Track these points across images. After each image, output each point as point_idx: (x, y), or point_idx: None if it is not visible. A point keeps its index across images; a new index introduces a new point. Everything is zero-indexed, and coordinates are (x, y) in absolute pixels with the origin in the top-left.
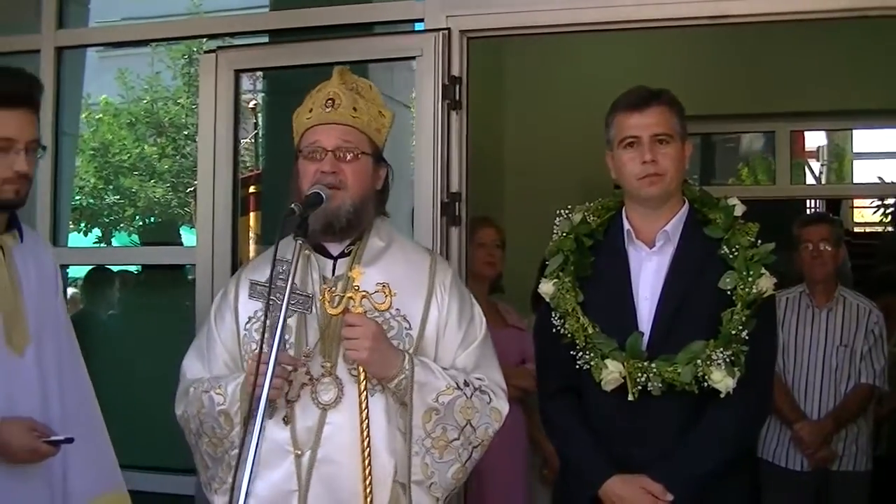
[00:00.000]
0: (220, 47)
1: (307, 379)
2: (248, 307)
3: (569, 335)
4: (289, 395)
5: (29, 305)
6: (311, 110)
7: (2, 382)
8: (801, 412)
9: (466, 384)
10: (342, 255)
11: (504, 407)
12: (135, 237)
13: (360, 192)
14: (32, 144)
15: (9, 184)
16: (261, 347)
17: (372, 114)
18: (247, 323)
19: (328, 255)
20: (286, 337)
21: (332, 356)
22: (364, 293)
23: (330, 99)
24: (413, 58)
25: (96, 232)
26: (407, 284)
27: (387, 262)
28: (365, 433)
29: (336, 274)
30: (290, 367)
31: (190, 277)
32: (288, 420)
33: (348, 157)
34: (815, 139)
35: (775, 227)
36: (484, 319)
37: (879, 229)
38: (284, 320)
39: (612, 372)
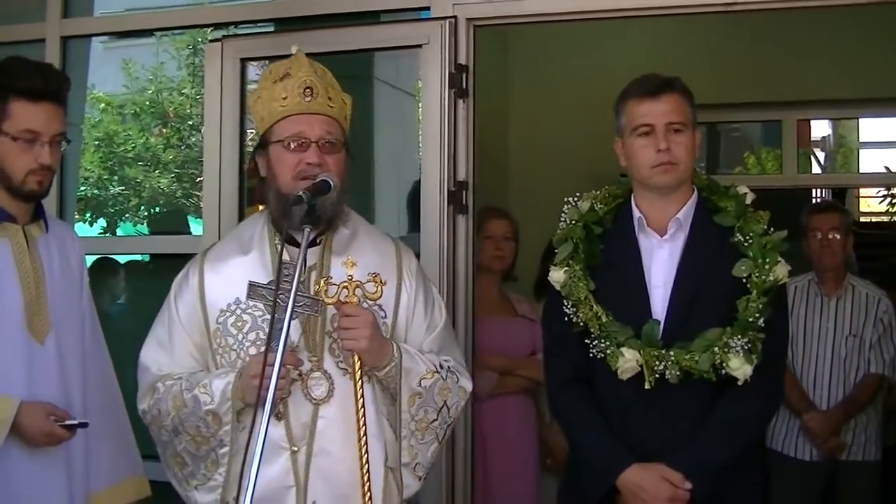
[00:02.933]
0: (225, 36)
1: (296, 374)
2: (220, 299)
3: (582, 323)
4: (283, 394)
5: (51, 294)
6: (285, 98)
7: (22, 368)
8: (810, 402)
9: (441, 366)
10: (312, 244)
11: (469, 385)
12: (140, 227)
13: (342, 183)
14: (57, 138)
15: (33, 175)
16: (266, 351)
17: (340, 102)
18: (219, 316)
19: (297, 245)
20: (263, 336)
21: (318, 350)
22: (357, 283)
23: (308, 87)
24: (419, 46)
25: (101, 222)
26: (378, 272)
27: (356, 250)
28: (361, 423)
29: (308, 264)
30: (292, 367)
31: None
32: (281, 416)
33: (330, 148)
34: (821, 128)
35: (782, 215)
36: (443, 302)
37: (886, 219)
38: (290, 323)
39: (628, 360)
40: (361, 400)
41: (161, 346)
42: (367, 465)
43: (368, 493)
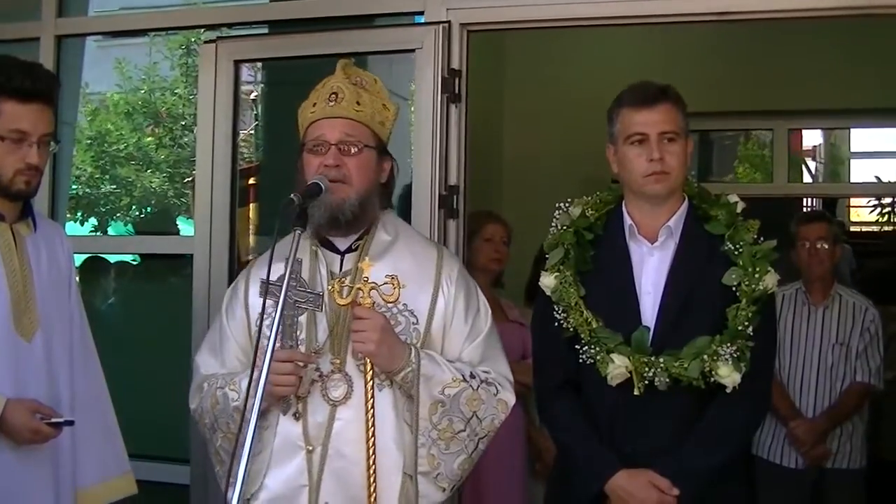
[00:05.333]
0: (219, 37)
1: (317, 375)
2: (259, 303)
3: (571, 329)
4: (299, 392)
5: (39, 292)
6: (314, 105)
7: (10, 366)
8: (796, 410)
9: (472, 376)
10: (349, 249)
11: (511, 398)
12: (129, 227)
13: (365, 186)
14: (45, 138)
15: (20, 175)
16: (256, 343)
17: (376, 107)
18: (257, 319)
19: (335, 251)
20: (298, 334)
21: (342, 353)
22: (373, 285)
23: (333, 93)
24: (413, 50)
25: (93, 221)
26: (414, 278)
27: (394, 256)
28: (371, 427)
29: (344, 269)
30: (302, 364)
31: (187, 269)
32: (299, 416)
33: (352, 151)
34: (812, 138)
35: (772, 225)
36: (489, 311)
37: (876, 229)
38: (281, 317)
39: (618, 366)
40: (371, 401)
41: (213, 352)
42: (373, 468)
43: (374, 495)
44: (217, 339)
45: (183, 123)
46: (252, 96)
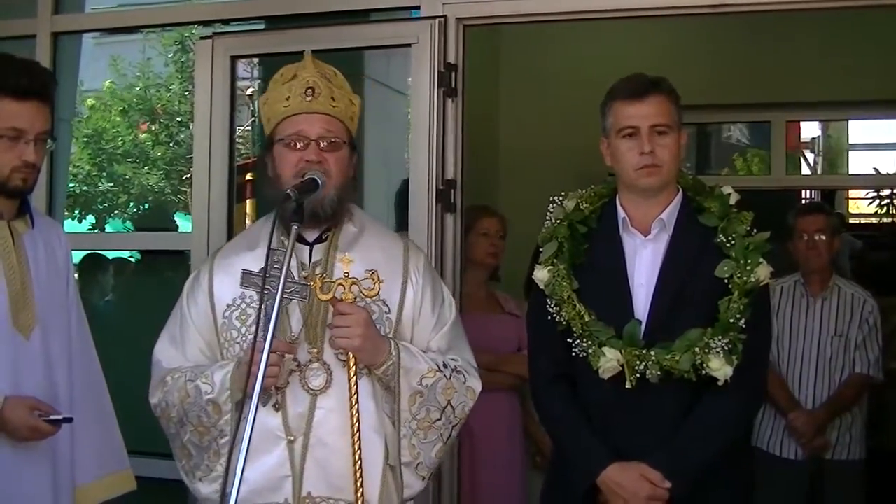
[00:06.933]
0: (216, 33)
1: (295, 365)
2: (227, 294)
3: (564, 322)
4: (277, 382)
5: (37, 289)
6: (288, 98)
7: (7, 363)
8: (795, 401)
9: (445, 366)
10: (318, 240)
11: (477, 385)
12: (128, 224)
13: (342, 181)
14: (42, 135)
15: (17, 172)
16: (255, 336)
17: (346, 102)
18: (225, 311)
19: (304, 242)
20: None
21: (318, 342)
22: (353, 280)
23: (310, 87)
24: (409, 45)
25: (90, 218)
26: (383, 269)
27: (362, 248)
28: (355, 417)
29: (313, 260)
30: (282, 354)
31: (185, 266)
32: (279, 406)
33: (331, 147)
34: (810, 130)
35: (770, 217)
36: (454, 301)
37: (874, 220)
38: (279, 309)
39: (610, 360)
40: (355, 396)
41: (173, 343)
42: (359, 462)
43: (361, 490)
44: (177, 330)
45: (179, 120)
46: (248, 92)
